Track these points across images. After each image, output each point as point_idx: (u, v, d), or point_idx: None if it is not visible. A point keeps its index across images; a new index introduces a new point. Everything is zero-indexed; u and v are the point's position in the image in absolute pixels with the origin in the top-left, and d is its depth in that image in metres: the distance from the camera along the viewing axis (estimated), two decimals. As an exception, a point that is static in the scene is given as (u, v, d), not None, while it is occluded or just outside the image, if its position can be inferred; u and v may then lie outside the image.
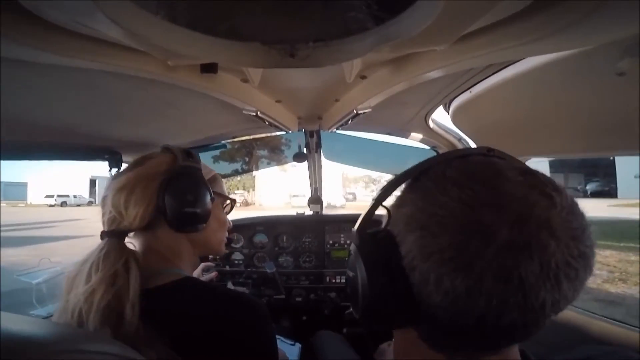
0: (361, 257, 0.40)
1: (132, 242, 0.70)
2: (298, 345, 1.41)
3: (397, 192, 0.43)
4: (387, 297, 0.38)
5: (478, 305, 0.32)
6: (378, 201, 0.42)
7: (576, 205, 0.35)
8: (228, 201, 0.86)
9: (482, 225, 0.32)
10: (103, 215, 0.69)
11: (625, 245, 6.83)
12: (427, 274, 0.34)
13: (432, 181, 0.38)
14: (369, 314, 0.41)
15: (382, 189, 0.43)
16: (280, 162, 2.45)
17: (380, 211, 0.42)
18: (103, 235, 0.67)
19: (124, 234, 0.67)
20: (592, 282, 5.29)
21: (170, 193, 0.69)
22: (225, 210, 0.85)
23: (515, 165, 0.38)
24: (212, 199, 0.75)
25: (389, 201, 0.43)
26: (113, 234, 0.66)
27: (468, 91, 1.05)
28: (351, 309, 0.45)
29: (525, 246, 0.31)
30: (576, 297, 0.34)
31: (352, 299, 0.43)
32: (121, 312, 0.58)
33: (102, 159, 1.29)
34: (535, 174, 0.36)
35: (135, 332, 0.57)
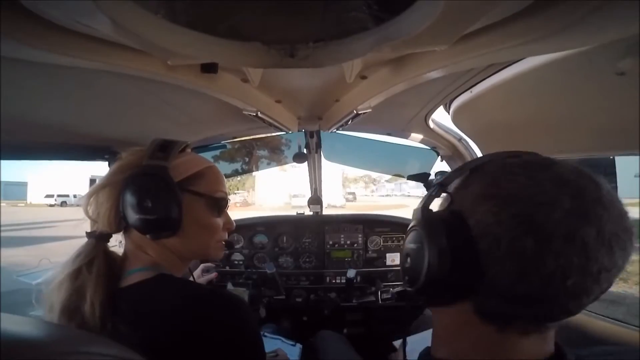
0: (426, 233, 0.43)
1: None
2: (299, 345, 1.41)
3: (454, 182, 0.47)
4: (455, 268, 0.41)
5: (546, 266, 0.36)
6: (442, 185, 0.47)
7: (616, 192, 0.40)
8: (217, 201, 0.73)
9: (547, 196, 0.37)
10: (88, 217, 0.69)
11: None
12: (499, 239, 0.38)
13: (495, 168, 0.44)
14: (433, 286, 0.43)
15: (445, 176, 0.48)
16: (280, 163, 2.45)
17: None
18: (88, 234, 0.67)
19: (103, 236, 0.67)
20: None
21: (127, 198, 0.64)
22: (217, 211, 0.73)
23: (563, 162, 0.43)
24: (179, 203, 0.65)
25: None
26: (91, 236, 0.66)
27: (468, 91, 1.05)
28: (406, 286, 0.48)
29: (584, 214, 0.36)
30: (624, 268, 0.38)
31: (412, 275, 0.46)
32: (82, 310, 0.59)
33: (102, 158, 1.29)
34: (585, 169, 0.41)
35: (100, 330, 0.58)
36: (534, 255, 0.36)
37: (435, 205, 0.48)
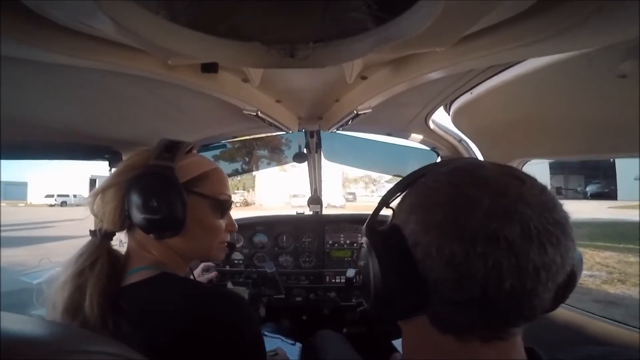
0: (372, 249, 0.43)
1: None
2: (298, 345, 1.41)
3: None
4: (397, 281, 0.41)
5: (477, 269, 0.35)
6: (383, 202, 0.47)
7: (546, 188, 0.40)
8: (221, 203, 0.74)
9: (467, 199, 0.38)
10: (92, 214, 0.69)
11: (625, 246, 6.83)
12: (429, 246, 0.38)
13: (425, 177, 0.44)
14: (382, 303, 0.43)
15: (386, 192, 0.48)
16: (280, 162, 2.45)
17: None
18: (92, 233, 0.68)
19: (107, 234, 0.67)
20: (591, 283, 5.31)
21: (132, 197, 0.64)
22: (220, 213, 0.74)
23: (494, 162, 0.43)
24: (184, 204, 0.66)
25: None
26: (95, 234, 0.67)
27: (469, 92, 1.05)
28: (364, 304, 0.48)
29: (505, 212, 0.36)
30: (565, 265, 0.37)
31: (364, 291, 0.46)
32: (84, 308, 0.60)
33: (103, 158, 1.29)
34: (510, 167, 0.42)
35: (100, 329, 0.59)
36: (463, 259, 0.36)
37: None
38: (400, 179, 0.48)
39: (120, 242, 0.72)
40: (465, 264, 0.36)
